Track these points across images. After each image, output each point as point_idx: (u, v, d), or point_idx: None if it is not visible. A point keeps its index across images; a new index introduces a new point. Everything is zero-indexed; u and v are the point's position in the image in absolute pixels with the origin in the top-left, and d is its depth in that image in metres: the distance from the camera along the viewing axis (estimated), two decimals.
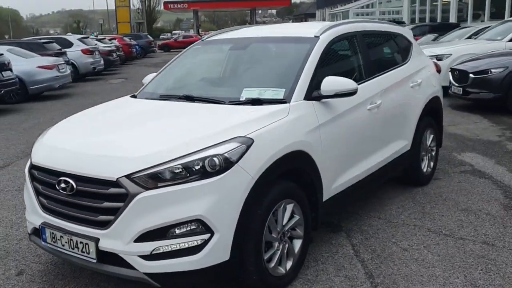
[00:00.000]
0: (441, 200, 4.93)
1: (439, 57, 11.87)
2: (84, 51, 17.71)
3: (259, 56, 4.30)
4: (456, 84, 10.12)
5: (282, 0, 64.83)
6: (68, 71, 14.31)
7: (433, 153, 5.55)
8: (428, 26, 20.95)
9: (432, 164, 5.52)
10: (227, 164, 2.88)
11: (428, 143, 5.38)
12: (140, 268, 2.83)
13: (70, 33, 29.44)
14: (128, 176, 2.81)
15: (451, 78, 10.38)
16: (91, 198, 2.94)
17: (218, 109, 3.54)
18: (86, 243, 2.94)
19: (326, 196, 3.73)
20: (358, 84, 4.12)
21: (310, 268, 3.63)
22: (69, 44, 17.76)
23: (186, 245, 2.82)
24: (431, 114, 5.39)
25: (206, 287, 3.28)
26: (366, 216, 4.58)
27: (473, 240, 4.03)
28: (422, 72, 5.23)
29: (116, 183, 2.83)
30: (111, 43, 22.98)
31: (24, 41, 16.69)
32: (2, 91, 10.93)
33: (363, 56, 4.38)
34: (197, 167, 2.85)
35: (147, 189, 2.79)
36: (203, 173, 2.85)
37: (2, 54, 11.54)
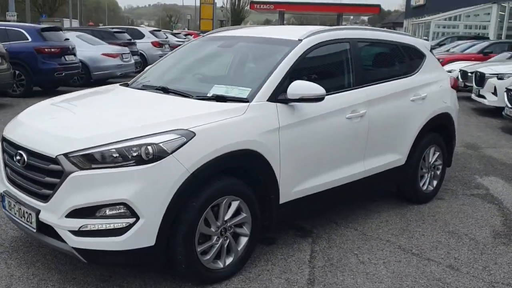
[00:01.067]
0: (430, 220, 4.76)
1: (500, 76, 11.31)
2: (154, 43, 18.49)
3: (241, 55, 4.38)
4: (510, 106, 9.59)
5: (372, 7, 63.68)
6: (132, 61, 15.02)
7: (438, 172, 5.35)
8: (508, 43, 19.83)
9: (435, 183, 5.33)
10: (160, 154, 3.00)
11: (431, 160, 5.19)
12: (69, 242, 3.02)
13: (143, 25, 30.79)
14: (65, 155, 3.00)
15: (506, 99, 9.85)
16: (37, 172, 3.17)
17: (181, 102, 3.66)
18: (30, 213, 3.17)
19: (284, 198, 3.74)
20: (341, 92, 4.15)
21: (256, 267, 3.67)
22: (141, 36, 18.60)
23: (112, 226, 2.97)
24: (438, 131, 5.21)
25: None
26: (343, 226, 4.52)
27: (439, 262, 3.88)
28: (431, 86, 5.06)
29: (55, 160, 3.04)
30: (185, 38, 23.75)
31: (96, 29, 17.73)
32: (63, 74, 11.70)
33: (354, 64, 4.33)
34: (133, 154, 2.99)
35: (81, 169, 2.97)
36: (138, 160, 2.98)
37: (68, 39, 12.36)
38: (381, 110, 4.45)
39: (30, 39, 11.41)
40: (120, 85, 4.50)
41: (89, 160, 2.98)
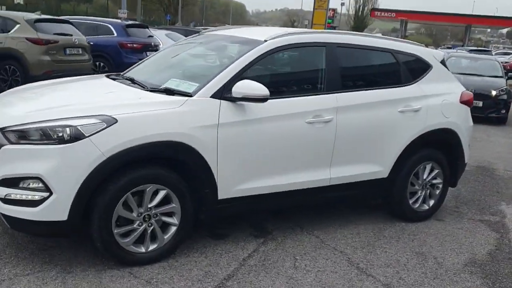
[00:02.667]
0: (406, 239, 4.51)
1: None
2: None
3: (212, 52, 4.50)
4: None
5: (505, 20, 59.31)
6: None
7: (437, 191, 5.03)
8: None
9: (432, 202, 5.02)
10: (77, 136, 3.24)
11: (426, 178, 4.90)
12: None
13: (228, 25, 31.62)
14: (1, 129, 3.36)
15: None
16: None
17: (130, 92, 3.90)
18: None
19: (224, 195, 3.81)
20: (303, 96, 4.14)
21: (187, 257, 3.78)
22: None
23: (30, 198, 3.27)
24: (437, 147, 4.93)
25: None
26: (307, 231, 4.46)
27: (378, 279, 3.72)
28: (431, 99, 4.78)
29: None
30: None
31: (187, 28, 18.66)
32: None
33: (327, 69, 4.25)
34: (58, 134, 3.26)
35: (11, 143, 3.30)
36: (60, 140, 3.25)
37: (151, 36, 13.20)
38: (356, 118, 4.32)
39: (115, 34, 12.40)
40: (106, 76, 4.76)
41: (18, 136, 3.31)
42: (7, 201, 3.32)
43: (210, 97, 3.72)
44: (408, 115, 4.63)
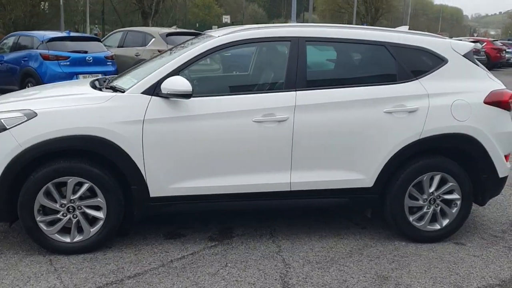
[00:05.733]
0: (384, 261, 3.85)
1: None
2: None
3: (179, 51, 4.42)
4: None
5: None
6: None
7: (453, 209, 4.17)
8: None
9: (446, 222, 4.18)
10: (1, 128, 3.58)
11: (434, 191, 4.09)
12: None
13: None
14: None
15: None
16: None
17: (79, 90, 4.11)
18: None
19: (156, 192, 3.78)
20: (251, 93, 3.94)
21: (119, 252, 3.83)
22: None
23: None
24: (449, 156, 4.12)
25: None
26: (274, 239, 4.13)
27: None
28: (436, 98, 3.99)
29: None
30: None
31: None
32: None
33: (289, 65, 3.90)
34: None
35: None
36: None
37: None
38: (320, 119, 3.86)
39: None
40: None
41: None
42: None
43: (141, 93, 3.73)
44: (398, 117, 3.96)
